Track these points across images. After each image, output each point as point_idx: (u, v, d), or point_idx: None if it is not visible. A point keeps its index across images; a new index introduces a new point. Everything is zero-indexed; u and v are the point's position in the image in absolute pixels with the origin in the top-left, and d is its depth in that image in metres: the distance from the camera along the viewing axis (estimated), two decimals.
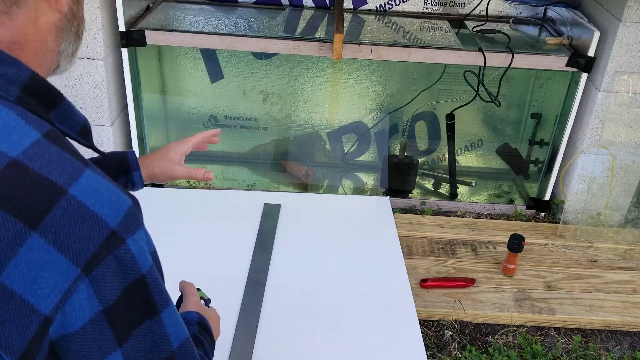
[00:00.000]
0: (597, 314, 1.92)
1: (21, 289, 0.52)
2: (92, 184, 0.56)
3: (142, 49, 2.18)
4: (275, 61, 2.48)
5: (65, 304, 0.54)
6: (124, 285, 0.57)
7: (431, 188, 2.62)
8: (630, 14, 2.07)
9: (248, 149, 2.68)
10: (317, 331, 1.53)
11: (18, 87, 0.58)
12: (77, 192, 0.55)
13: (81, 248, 0.54)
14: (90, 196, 0.55)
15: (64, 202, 0.54)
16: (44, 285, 0.52)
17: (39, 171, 0.54)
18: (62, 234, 0.53)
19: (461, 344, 1.82)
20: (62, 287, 0.53)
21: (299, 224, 1.95)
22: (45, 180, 0.54)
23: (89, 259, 0.54)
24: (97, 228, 0.55)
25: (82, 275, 0.54)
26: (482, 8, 2.42)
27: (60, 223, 0.53)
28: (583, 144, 2.29)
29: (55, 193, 0.54)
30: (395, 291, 1.69)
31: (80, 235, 0.54)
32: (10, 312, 0.52)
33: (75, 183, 0.55)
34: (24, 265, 0.52)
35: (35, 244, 0.52)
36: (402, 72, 2.54)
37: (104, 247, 0.55)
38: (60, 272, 0.53)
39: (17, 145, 0.55)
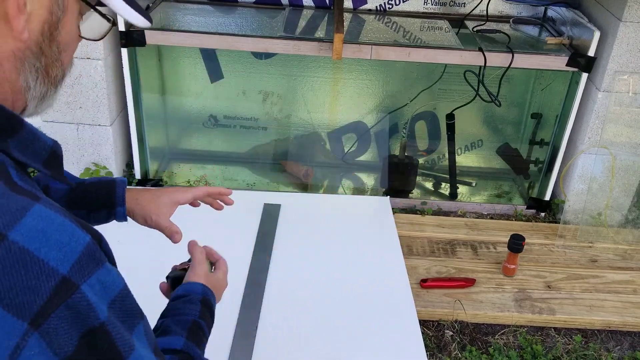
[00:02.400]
0: (598, 314, 1.92)
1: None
2: (39, 224, 0.50)
3: (141, 49, 2.18)
4: (275, 61, 2.47)
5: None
6: (81, 332, 0.52)
7: (431, 188, 2.62)
8: (630, 14, 2.06)
9: (248, 148, 2.68)
10: (316, 331, 1.52)
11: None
12: (18, 237, 0.49)
13: (26, 301, 0.48)
14: (34, 240, 0.49)
15: (2, 251, 0.48)
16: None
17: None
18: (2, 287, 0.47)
19: (461, 344, 1.82)
20: (9, 345, 0.48)
21: (299, 224, 1.94)
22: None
23: (37, 312, 0.49)
24: (44, 276, 0.49)
25: (30, 329, 0.49)
26: (482, 8, 2.42)
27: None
28: (583, 144, 2.29)
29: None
30: (395, 291, 1.69)
31: (23, 286, 0.48)
32: None
33: (17, 225, 0.49)
34: None
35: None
36: (402, 72, 2.53)
37: (53, 298, 0.49)
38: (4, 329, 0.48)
39: None
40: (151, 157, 2.45)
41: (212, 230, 1.88)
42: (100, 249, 0.55)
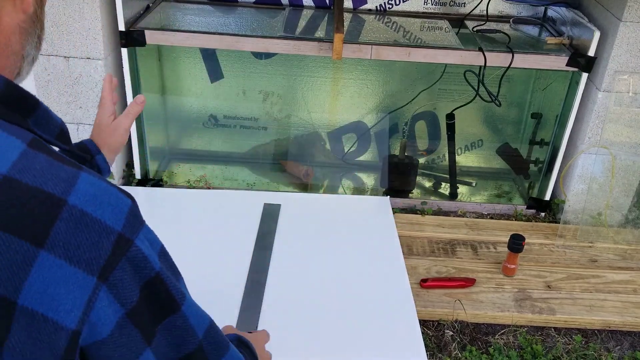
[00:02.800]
0: (598, 314, 1.92)
1: (42, 308, 0.51)
2: (90, 189, 0.54)
3: (141, 49, 2.18)
4: (275, 61, 2.47)
5: (90, 314, 0.53)
6: (140, 284, 0.56)
7: (431, 188, 2.62)
8: (630, 14, 2.06)
9: (248, 148, 2.68)
10: (316, 331, 1.52)
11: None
12: (76, 201, 0.53)
13: (93, 257, 0.53)
14: (90, 203, 0.53)
15: (65, 214, 0.52)
16: (64, 301, 0.52)
17: (34, 184, 0.52)
18: (70, 246, 0.52)
19: (461, 344, 1.82)
20: (83, 299, 0.52)
21: (299, 224, 1.94)
22: (42, 193, 0.52)
23: (103, 266, 0.53)
24: (104, 234, 0.54)
25: (99, 284, 0.53)
26: (482, 8, 2.42)
27: (66, 236, 0.52)
28: (583, 144, 2.29)
29: (55, 205, 0.52)
30: (395, 291, 1.68)
31: (89, 244, 0.52)
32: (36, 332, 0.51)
33: (73, 191, 0.53)
34: (39, 285, 0.51)
35: (45, 262, 0.51)
36: (402, 72, 2.53)
37: (115, 252, 0.54)
38: (77, 285, 0.52)
39: (4, 160, 0.52)
40: (151, 157, 2.45)
41: (212, 230, 1.88)
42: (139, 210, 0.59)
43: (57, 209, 0.52)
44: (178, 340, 0.62)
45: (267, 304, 1.59)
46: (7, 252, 0.49)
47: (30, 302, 0.51)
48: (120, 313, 0.55)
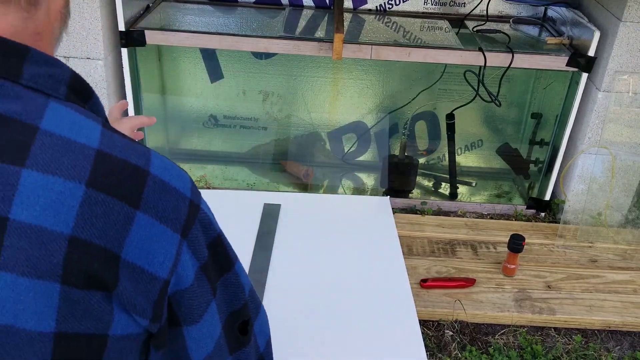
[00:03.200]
0: (598, 314, 1.92)
1: (140, 261, 0.59)
2: (161, 162, 0.62)
3: (141, 49, 2.18)
4: (275, 61, 2.47)
5: (177, 266, 0.61)
6: (207, 243, 0.65)
7: (431, 188, 2.62)
8: (630, 14, 2.06)
9: (248, 148, 2.68)
10: (316, 331, 1.52)
11: (65, 86, 0.62)
12: (156, 171, 0.61)
13: (176, 217, 0.61)
14: (165, 173, 0.61)
15: (150, 182, 0.60)
16: (158, 254, 0.60)
17: (122, 157, 0.59)
18: (159, 208, 0.60)
19: (461, 344, 1.82)
20: (172, 253, 0.60)
21: (299, 224, 1.94)
22: (127, 164, 0.59)
23: (184, 225, 0.61)
24: (180, 199, 0.62)
25: (182, 240, 0.61)
26: (482, 8, 2.42)
27: (154, 199, 0.59)
28: (583, 144, 2.29)
29: (141, 175, 0.59)
30: (395, 291, 1.68)
31: (171, 207, 0.60)
32: (136, 282, 0.59)
33: (151, 163, 0.61)
34: (138, 241, 0.58)
35: (142, 221, 0.58)
36: (402, 72, 2.53)
37: (190, 214, 0.62)
38: (167, 241, 0.60)
39: (92, 137, 0.59)
40: None
41: None
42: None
43: (144, 177, 0.59)
44: (231, 296, 0.70)
45: (267, 304, 1.59)
46: (112, 213, 0.57)
47: (131, 256, 0.58)
48: (197, 266, 0.64)
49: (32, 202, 0.55)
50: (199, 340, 0.67)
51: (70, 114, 0.60)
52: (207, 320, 0.66)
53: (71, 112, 0.60)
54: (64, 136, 0.57)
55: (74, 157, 0.57)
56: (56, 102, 0.60)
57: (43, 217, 0.55)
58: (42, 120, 0.57)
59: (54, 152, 0.56)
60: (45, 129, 0.57)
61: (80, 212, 0.56)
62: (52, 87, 0.60)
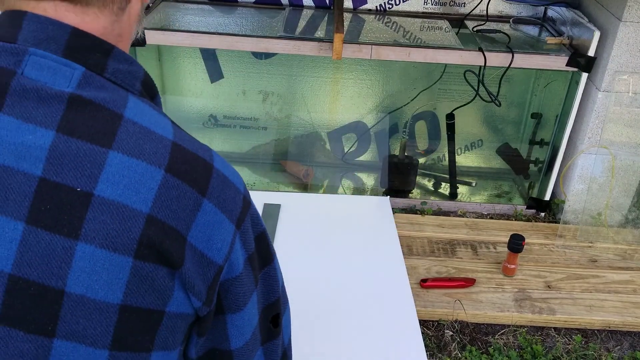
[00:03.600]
0: (597, 314, 1.92)
1: (201, 245, 0.63)
2: (221, 160, 0.67)
3: (141, 49, 2.18)
4: (275, 61, 2.47)
5: (231, 254, 0.65)
6: (254, 237, 0.69)
7: (431, 188, 2.62)
8: (630, 14, 2.06)
9: (248, 148, 2.68)
10: (316, 331, 1.52)
11: (139, 82, 0.67)
12: (219, 166, 0.66)
13: (233, 209, 0.65)
14: (225, 169, 0.66)
15: (215, 174, 0.64)
16: (217, 241, 0.64)
17: (192, 150, 0.64)
18: (221, 198, 0.64)
19: (461, 344, 1.82)
20: (228, 241, 0.65)
21: (299, 224, 1.94)
22: (197, 157, 0.64)
23: (238, 217, 0.66)
24: (237, 193, 0.66)
25: (236, 230, 0.66)
26: (482, 8, 2.42)
27: (217, 190, 0.64)
28: (583, 144, 2.29)
29: (208, 167, 0.64)
30: (395, 291, 1.68)
31: (230, 199, 0.65)
32: (197, 265, 0.62)
33: (214, 159, 0.66)
34: (202, 226, 0.62)
35: (207, 208, 0.63)
36: (402, 72, 2.53)
37: (244, 208, 0.67)
38: (225, 229, 0.64)
39: (167, 130, 0.64)
40: None
41: None
42: None
43: (210, 169, 0.65)
44: (268, 288, 0.74)
45: None
46: (184, 198, 0.61)
47: (195, 240, 0.62)
48: (245, 257, 0.68)
49: (117, 181, 0.59)
50: (240, 327, 0.70)
51: (147, 108, 0.65)
52: (249, 309, 0.70)
53: (147, 107, 0.65)
54: (145, 126, 0.62)
55: (154, 145, 0.62)
56: (133, 97, 0.65)
57: (125, 195, 0.59)
58: (125, 109, 0.62)
59: (137, 138, 0.61)
60: (129, 117, 0.62)
61: (158, 193, 0.60)
62: (130, 83, 0.66)
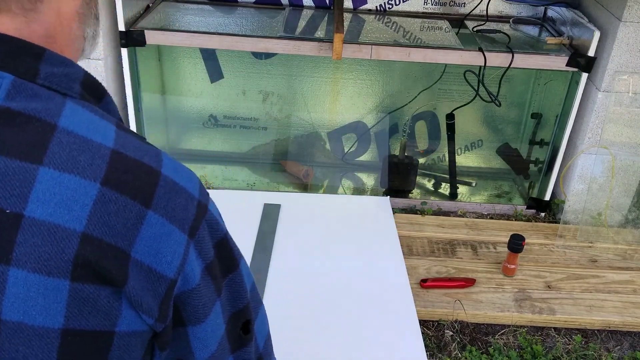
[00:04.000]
0: (598, 314, 1.92)
1: (148, 260, 0.59)
2: (172, 163, 0.64)
3: (141, 49, 2.18)
4: (275, 61, 2.47)
5: (185, 266, 0.62)
6: (213, 243, 0.66)
7: (431, 188, 2.62)
8: (630, 14, 2.06)
9: (248, 149, 2.68)
10: (316, 331, 1.52)
11: (79, 84, 0.63)
12: (167, 172, 0.62)
13: (184, 217, 0.62)
14: (175, 174, 0.63)
15: (162, 182, 0.61)
16: (166, 253, 0.60)
17: (135, 157, 0.61)
18: (169, 208, 0.61)
19: (461, 344, 1.82)
20: (180, 252, 0.61)
21: (299, 224, 1.94)
22: (141, 165, 0.61)
23: (191, 225, 0.62)
24: (189, 200, 0.63)
25: (189, 240, 0.62)
26: (482, 8, 2.42)
27: (164, 199, 0.61)
28: (583, 144, 2.29)
29: (154, 175, 0.61)
30: (395, 291, 1.69)
31: (180, 207, 0.62)
32: (144, 281, 0.60)
33: (163, 164, 0.62)
34: (147, 240, 0.59)
35: (152, 220, 0.60)
36: (402, 72, 2.53)
37: (198, 215, 0.63)
38: (175, 240, 0.61)
39: (108, 137, 0.60)
40: None
41: None
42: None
43: (156, 177, 0.61)
44: (235, 295, 0.71)
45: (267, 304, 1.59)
46: (124, 211, 0.58)
47: (140, 255, 0.59)
48: (202, 266, 0.64)
49: (47, 199, 0.56)
50: (204, 340, 0.68)
51: (87, 114, 0.61)
52: (211, 320, 0.67)
53: (87, 112, 0.61)
54: (81, 135, 0.59)
55: (90, 156, 0.58)
56: (73, 102, 0.61)
57: (57, 214, 0.56)
58: (60, 118, 0.59)
59: (72, 150, 0.58)
60: (64, 127, 0.58)
61: (93, 210, 0.57)
62: (67, 86, 0.62)
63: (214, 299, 0.67)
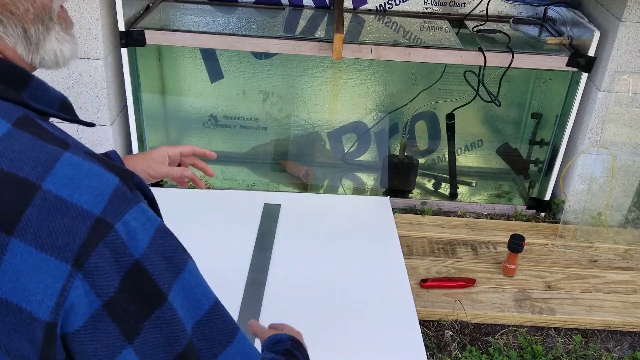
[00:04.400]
0: (597, 314, 1.92)
1: (15, 297, 0.50)
2: (69, 172, 0.52)
3: (141, 49, 2.18)
4: (275, 61, 2.47)
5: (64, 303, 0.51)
6: (122, 274, 0.52)
7: (431, 188, 2.62)
8: (630, 14, 2.06)
9: (248, 149, 2.68)
10: (316, 331, 1.52)
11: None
12: (51, 186, 0.51)
13: (66, 243, 0.50)
14: (66, 187, 0.51)
15: (38, 200, 0.50)
16: (36, 291, 0.50)
17: (9, 170, 0.50)
18: (42, 232, 0.49)
19: (461, 344, 1.82)
20: (56, 288, 0.50)
21: (299, 224, 1.94)
22: (16, 178, 0.50)
23: (78, 252, 0.50)
24: (79, 219, 0.51)
25: (74, 271, 0.50)
26: (482, 8, 2.42)
27: (37, 222, 0.50)
28: (583, 144, 2.29)
29: (28, 191, 0.50)
30: (395, 291, 1.68)
31: (62, 230, 0.50)
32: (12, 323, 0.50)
33: (50, 175, 0.51)
34: (11, 274, 0.49)
35: (16, 249, 0.49)
36: (402, 72, 2.53)
37: (91, 237, 0.51)
38: (49, 273, 0.50)
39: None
40: None
41: (212, 230, 1.88)
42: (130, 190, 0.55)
43: (30, 194, 0.50)
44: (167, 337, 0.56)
45: (267, 304, 1.59)
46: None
47: (4, 292, 0.49)
48: (97, 305, 0.52)
49: None
50: None
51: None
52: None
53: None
54: None
55: None
56: None
57: None
58: None
59: None
60: None
61: None
62: None
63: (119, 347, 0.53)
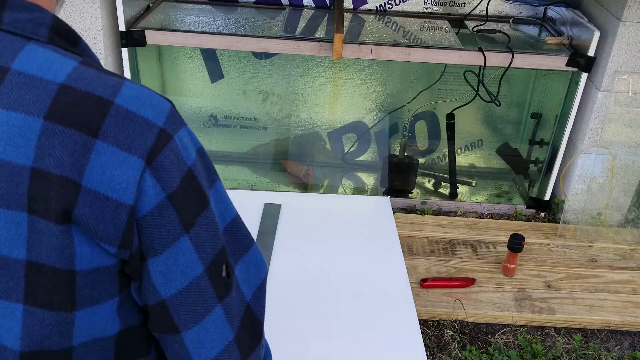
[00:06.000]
0: (597, 314, 1.92)
1: (102, 188, 0.60)
2: (133, 92, 0.63)
3: (142, 49, 2.18)
4: (275, 61, 2.48)
5: (141, 191, 0.62)
6: (181, 176, 0.64)
7: (431, 188, 2.62)
8: (630, 14, 2.07)
9: (248, 148, 2.68)
10: (316, 331, 1.53)
11: (46, 29, 0.64)
12: (122, 102, 0.62)
13: (139, 144, 0.61)
14: (133, 103, 0.62)
15: (113, 112, 0.61)
16: (120, 180, 0.60)
17: (85, 90, 0.61)
18: (120, 136, 0.61)
19: (461, 343, 1.82)
20: (135, 179, 0.61)
21: (299, 224, 1.95)
22: (90, 96, 0.61)
23: (149, 151, 0.62)
24: (147, 128, 0.62)
25: (146, 166, 0.62)
26: (482, 8, 2.42)
27: (115, 128, 0.61)
28: (583, 143, 2.29)
29: (104, 105, 0.61)
30: (395, 291, 1.69)
31: (135, 135, 0.61)
32: (100, 210, 0.60)
33: (118, 94, 0.62)
34: (98, 169, 0.60)
35: (101, 149, 0.60)
36: (402, 72, 2.54)
37: (157, 142, 0.62)
38: (129, 167, 0.61)
39: (61, 73, 0.61)
40: None
41: None
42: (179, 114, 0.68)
43: (106, 108, 0.61)
44: (213, 235, 0.69)
45: (267, 304, 1.59)
46: (70, 142, 0.59)
47: (92, 184, 0.60)
48: (162, 196, 0.63)
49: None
50: (165, 273, 0.65)
51: (46, 54, 0.62)
52: (173, 253, 0.65)
53: (48, 52, 0.62)
54: (32, 74, 0.60)
55: (37, 93, 0.60)
56: (35, 44, 0.62)
57: (7, 152, 0.59)
58: (14, 61, 0.61)
59: (20, 89, 0.60)
60: (16, 69, 0.60)
61: (38, 144, 0.59)
62: (33, 30, 0.63)
63: (178, 233, 0.65)
